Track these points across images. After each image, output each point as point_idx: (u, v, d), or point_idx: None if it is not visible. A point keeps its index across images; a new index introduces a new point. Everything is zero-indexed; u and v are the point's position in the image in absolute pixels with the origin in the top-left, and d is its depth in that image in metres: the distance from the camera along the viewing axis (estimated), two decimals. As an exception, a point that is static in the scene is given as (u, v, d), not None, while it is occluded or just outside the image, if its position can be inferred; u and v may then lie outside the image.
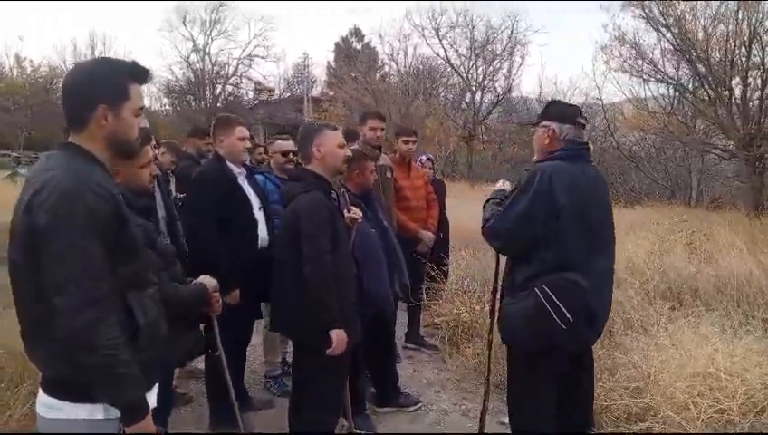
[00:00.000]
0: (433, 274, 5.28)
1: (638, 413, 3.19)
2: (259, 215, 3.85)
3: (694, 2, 11.82)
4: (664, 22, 12.25)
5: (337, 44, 41.89)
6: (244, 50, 39.32)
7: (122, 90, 1.75)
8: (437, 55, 27.90)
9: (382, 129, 4.64)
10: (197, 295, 2.46)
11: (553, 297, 2.66)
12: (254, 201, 3.85)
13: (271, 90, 42.77)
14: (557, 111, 2.89)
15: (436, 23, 27.50)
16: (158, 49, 64.07)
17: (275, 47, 45.09)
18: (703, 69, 11.91)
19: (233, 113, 4.91)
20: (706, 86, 12.19)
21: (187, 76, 38.05)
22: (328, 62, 41.15)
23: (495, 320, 3.06)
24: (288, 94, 43.10)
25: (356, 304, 3.05)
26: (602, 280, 2.82)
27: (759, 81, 11.47)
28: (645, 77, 14.56)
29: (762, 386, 3.10)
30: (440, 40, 27.67)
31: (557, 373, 2.86)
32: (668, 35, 12.40)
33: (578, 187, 2.72)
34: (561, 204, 2.66)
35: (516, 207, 2.73)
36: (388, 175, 4.64)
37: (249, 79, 41.23)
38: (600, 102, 20.43)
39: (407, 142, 5.03)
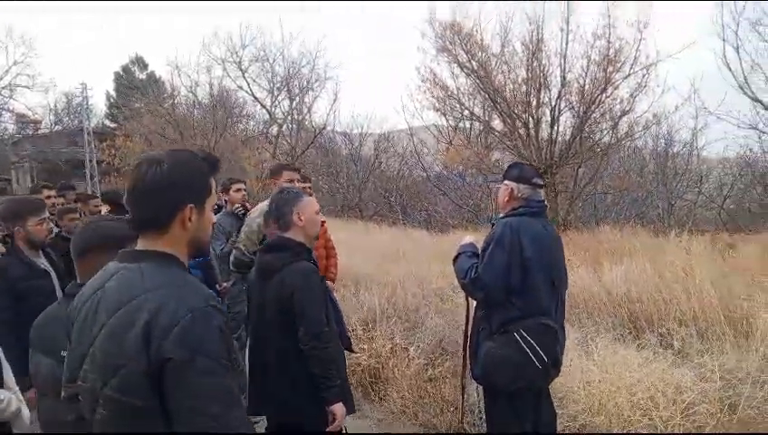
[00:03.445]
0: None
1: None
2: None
3: (496, 51, 13.66)
4: (470, 66, 13.81)
5: (117, 74, 39.08)
6: (1, 79, 34.35)
7: (207, 185, 1.59)
8: (241, 88, 27.41)
9: (299, 180, 4.54)
10: None
11: (532, 341, 2.93)
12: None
13: (37, 122, 38.08)
14: (516, 172, 3.22)
15: (237, 56, 27.01)
16: None
17: (42, 75, 39.98)
18: (502, 107, 13.66)
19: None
20: (507, 121, 13.98)
21: (-74, 111, 32.00)
22: (107, 93, 38.14)
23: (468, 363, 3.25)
24: (59, 127, 38.71)
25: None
26: (561, 323, 3.16)
27: (549, 118, 13.55)
28: (453, 115, 16.19)
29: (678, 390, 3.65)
30: (243, 73, 27.22)
31: (530, 408, 3.13)
32: (473, 77, 14.00)
33: (540, 238, 3.08)
34: (528, 253, 2.98)
35: (496, 260, 2.96)
36: None
37: (10, 111, 36.06)
38: (409, 132, 22.04)
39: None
